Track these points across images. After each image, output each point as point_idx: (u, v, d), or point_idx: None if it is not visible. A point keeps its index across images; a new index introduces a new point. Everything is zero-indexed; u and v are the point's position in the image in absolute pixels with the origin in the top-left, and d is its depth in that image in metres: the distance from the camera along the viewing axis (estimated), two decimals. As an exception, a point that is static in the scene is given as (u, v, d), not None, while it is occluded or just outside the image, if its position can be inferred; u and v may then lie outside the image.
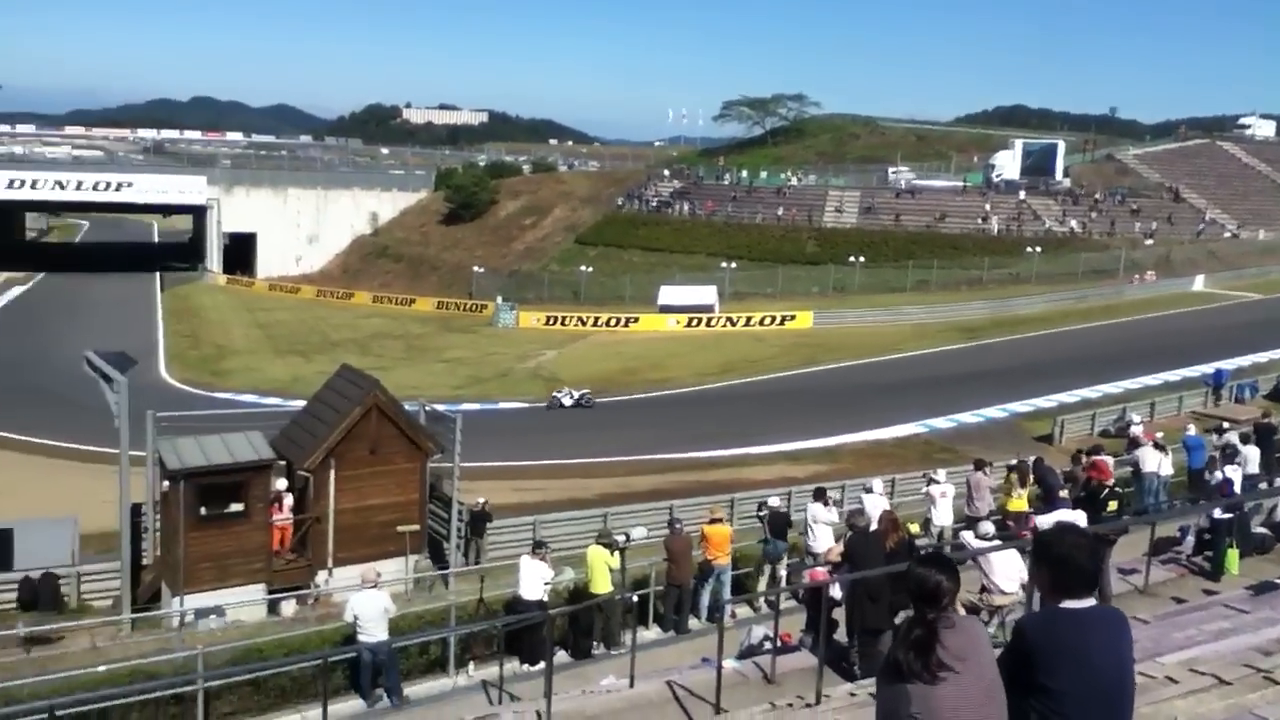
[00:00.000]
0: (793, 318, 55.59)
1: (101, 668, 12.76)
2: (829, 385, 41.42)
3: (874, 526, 11.80)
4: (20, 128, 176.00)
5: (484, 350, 52.44)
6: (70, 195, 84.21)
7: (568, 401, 38.02)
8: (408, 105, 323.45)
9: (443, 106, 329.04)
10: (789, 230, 69.85)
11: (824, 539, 15.43)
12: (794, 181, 78.44)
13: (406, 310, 67.59)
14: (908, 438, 32.55)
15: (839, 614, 10.81)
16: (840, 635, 10.75)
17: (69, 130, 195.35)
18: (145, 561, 19.34)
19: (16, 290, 72.47)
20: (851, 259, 62.61)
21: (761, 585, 16.25)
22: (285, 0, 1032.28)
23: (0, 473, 29.60)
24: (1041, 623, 4.17)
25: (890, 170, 78.66)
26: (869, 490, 16.77)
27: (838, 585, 10.70)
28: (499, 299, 62.84)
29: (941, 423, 33.87)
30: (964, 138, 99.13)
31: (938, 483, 18.39)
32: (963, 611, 5.22)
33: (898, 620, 10.06)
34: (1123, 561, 12.42)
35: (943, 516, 18.03)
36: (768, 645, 11.71)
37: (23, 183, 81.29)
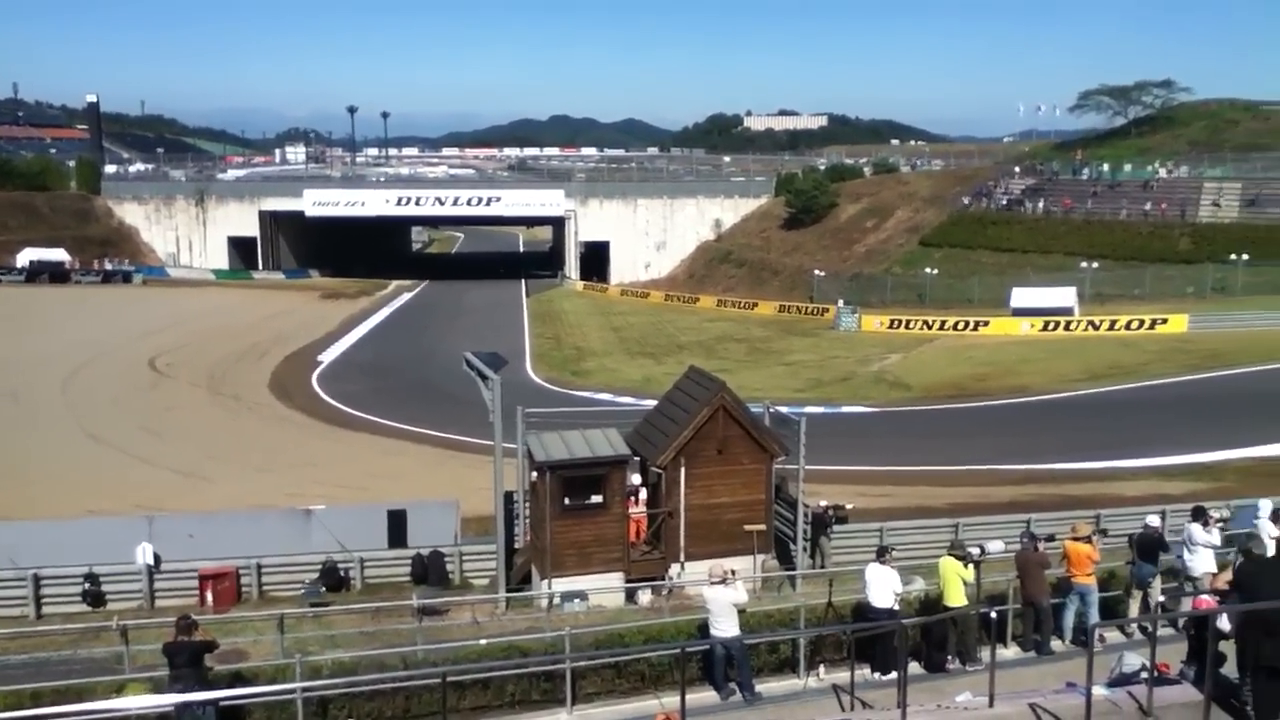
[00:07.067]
0: (1164, 321, 51.39)
1: (482, 641, 13.95)
2: (1209, 395, 37.84)
3: (1270, 553, 10.60)
4: (405, 151, 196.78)
5: (826, 354, 52.32)
6: (448, 210, 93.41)
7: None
8: (748, 113, 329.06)
9: (782, 112, 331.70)
10: (1158, 227, 64.50)
11: (1203, 563, 14.22)
12: (1163, 174, 72.17)
13: (749, 314, 68.84)
14: (1306, 455, 29.10)
15: (1228, 647, 9.86)
16: (1228, 670, 9.80)
17: (446, 151, 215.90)
18: (518, 545, 21.01)
19: (405, 296, 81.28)
20: (1233, 257, 56.73)
21: (1133, 610, 15.04)
22: (632, 21, 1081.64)
23: (392, 459, 33.36)
24: None
25: None
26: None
27: (1226, 616, 9.76)
28: (840, 302, 62.50)
29: (1348, 440, 29.98)
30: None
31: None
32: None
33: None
34: None
35: (1350, 547, 15.86)
36: (1144, 675, 10.85)
37: (409, 200, 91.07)
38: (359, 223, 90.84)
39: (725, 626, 12.43)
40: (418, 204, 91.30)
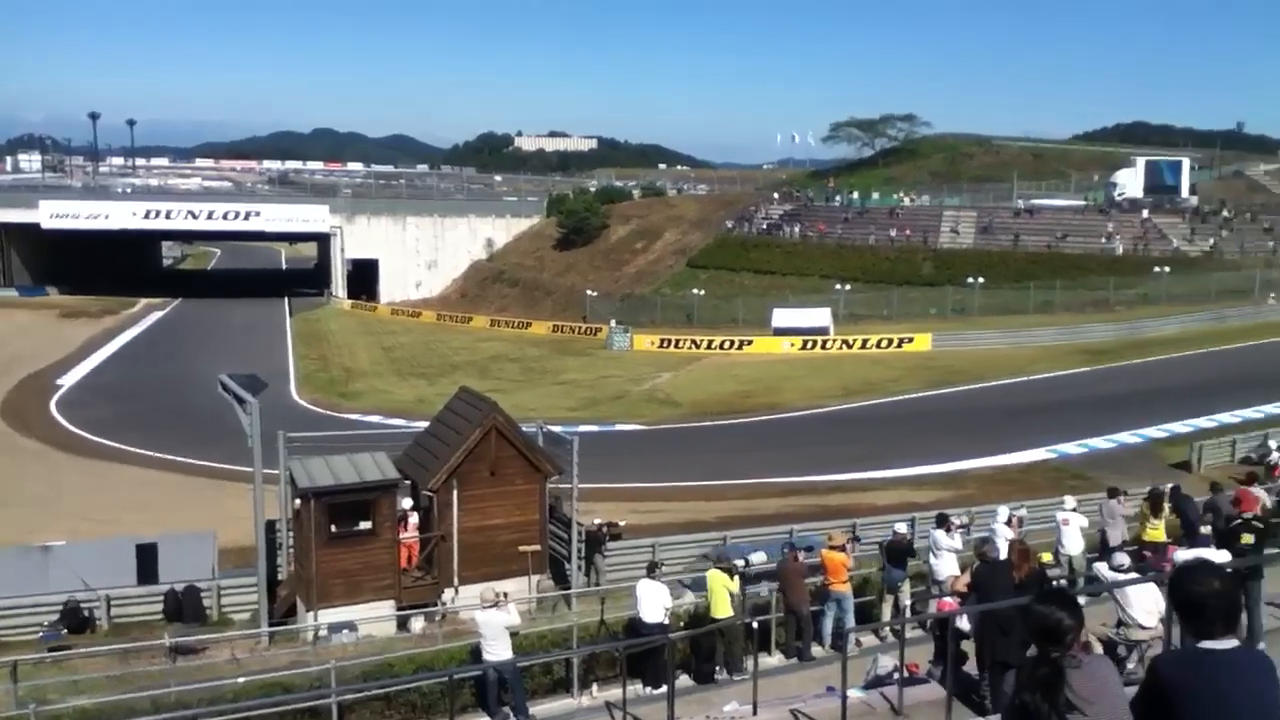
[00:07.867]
0: (911, 340, 54.66)
1: (241, 679, 13.23)
2: (951, 409, 40.48)
3: (1003, 556, 11.49)
4: (154, 161, 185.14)
5: (599, 373, 52.88)
6: (202, 225, 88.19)
7: None
8: (519, 133, 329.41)
9: (553, 134, 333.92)
10: (903, 251, 68.78)
11: (947, 567, 15.12)
12: (907, 202, 77.28)
13: (523, 333, 68.67)
14: (1035, 463, 31.70)
15: (968, 646, 10.56)
16: (971, 667, 10.49)
17: (199, 163, 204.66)
18: (281, 576, 20.08)
19: (156, 315, 76.39)
20: (970, 280, 61.15)
21: (885, 614, 15.95)
22: (401, 34, 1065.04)
23: (141, 490, 31.20)
24: (1178, 663, 3.92)
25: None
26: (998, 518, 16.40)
27: (966, 616, 10.47)
28: (612, 322, 63.31)
29: (1071, 448, 32.86)
30: (1083, 155, 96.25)
31: (1068, 511, 17.80)
32: (1098, 648, 5.04)
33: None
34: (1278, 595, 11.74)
35: (1073, 545, 17.43)
36: (895, 676, 11.50)
37: (158, 213, 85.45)
38: (103, 236, 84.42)
39: (498, 650, 12.34)
40: (168, 217, 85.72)
